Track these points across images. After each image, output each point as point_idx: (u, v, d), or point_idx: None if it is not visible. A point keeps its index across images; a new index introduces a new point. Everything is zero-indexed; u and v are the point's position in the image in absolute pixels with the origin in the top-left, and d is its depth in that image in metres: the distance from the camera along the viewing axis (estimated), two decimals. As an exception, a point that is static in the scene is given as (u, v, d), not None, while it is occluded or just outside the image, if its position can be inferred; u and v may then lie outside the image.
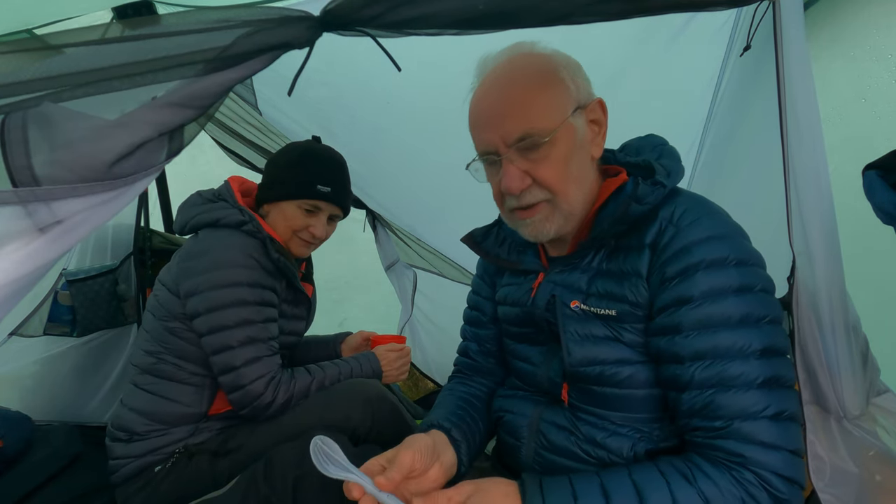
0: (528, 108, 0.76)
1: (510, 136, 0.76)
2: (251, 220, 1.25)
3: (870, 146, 0.90)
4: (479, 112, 0.82)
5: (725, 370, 0.66)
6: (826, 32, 1.42)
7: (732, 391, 0.65)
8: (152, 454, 1.19)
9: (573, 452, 0.79)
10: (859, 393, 0.90)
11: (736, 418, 0.65)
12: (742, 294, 0.68)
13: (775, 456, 0.63)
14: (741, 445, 0.64)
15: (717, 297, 0.68)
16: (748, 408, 0.65)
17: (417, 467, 0.70)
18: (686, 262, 0.70)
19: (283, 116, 1.91)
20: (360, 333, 1.67)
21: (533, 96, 0.77)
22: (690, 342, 0.68)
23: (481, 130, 0.81)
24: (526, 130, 0.75)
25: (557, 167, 0.77)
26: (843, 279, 0.88)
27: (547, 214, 0.80)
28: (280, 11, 0.67)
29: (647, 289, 0.75)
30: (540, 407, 0.87)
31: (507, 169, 0.77)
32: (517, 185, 0.77)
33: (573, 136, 0.78)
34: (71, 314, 1.82)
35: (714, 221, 0.74)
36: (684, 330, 0.69)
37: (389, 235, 2.33)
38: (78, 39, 0.61)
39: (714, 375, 0.67)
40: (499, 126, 0.77)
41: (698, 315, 0.68)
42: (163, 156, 0.65)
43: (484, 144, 0.80)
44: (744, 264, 0.70)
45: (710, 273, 0.69)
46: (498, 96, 0.79)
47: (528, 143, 0.76)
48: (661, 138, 0.90)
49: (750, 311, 0.68)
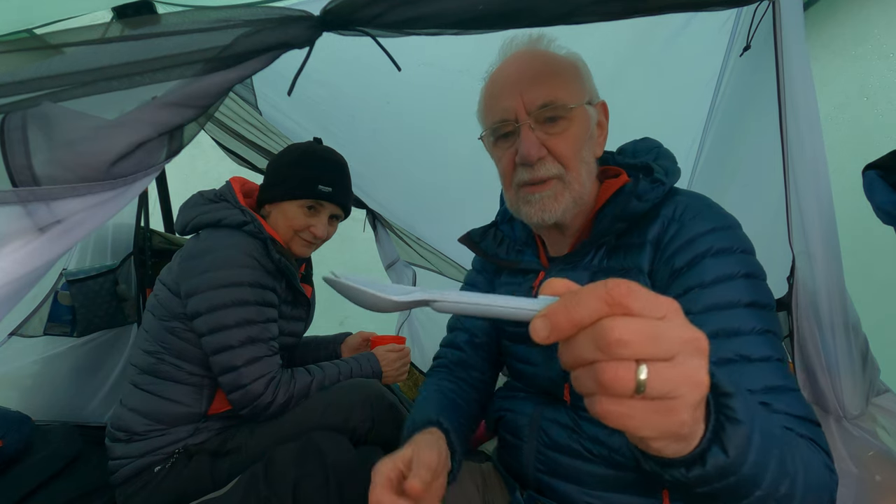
0: (554, 78, 0.78)
1: (534, 102, 0.77)
2: (253, 221, 1.25)
3: (871, 145, 0.90)
4: (503, 79, 0.82)
5: (744, 346, 0.65)
6: (826, 32, 1.42)
7: (755, 365, 0.64)
8: (152, 454, 1.19)
9: (576, 450, 0.79)
10: (859, 393, 0.90)
11: (766, 392, 0.62)
12: (749, 279, 0.69)
13: (810, 427, 0.61)
14: (784, 418, 0.60)
15: (726, 280, 0.69)
16: (771, 382, 0.63)
17: (440, 470, 0.68)
18: (694, 251, 0.71)
19: (283, 116, 1.91)
20: (359, 334, 1.67)
21: (559, 70, 0.80)
22: (704, 321, 0.67)
23: (502, 97, 0.80)
24: (551, 98, 0.76)
25: (573, 144, 0.78)
26: (843, 279, 0.88)
27: (557, 192, 0.79)
28: (280, 11, 0.68)
29: (648, 284, 0.75)
30: (541, 406, 0.86)
31: (527, 135, 0.77)
32: (535, 152, 0.77)
33: (588, 121, 0.81)
34: (71, 314, 1.81)
35: (715, 214, 0.75)
36: (696, 312, 0.69)
37: (389, 235, 2.33)
38: (78, 39, 0.61)
39: (732, 351, 0.65)
40: (524, 91, 0.77)
41: (710, 297, 0.68)
42: (163, 156, 0.65)
43: (502, 112, 0.80)
44: (747, 253, 0.72)
45: (719, 259, 0.70)
46: (525, 64, 0.80)
47: (549, 112, 0.77)
48: (657, 141, 0.91)
49: (758, 297, 0.68)
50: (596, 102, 0.84)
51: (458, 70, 1.42)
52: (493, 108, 0.82)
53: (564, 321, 0.32)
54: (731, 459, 0.41)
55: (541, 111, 0.77)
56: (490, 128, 0.83)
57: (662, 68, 1.44)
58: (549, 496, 0.81)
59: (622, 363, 0.30)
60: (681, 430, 0.35)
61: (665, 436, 0.35)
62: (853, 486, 0.83)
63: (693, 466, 0.41)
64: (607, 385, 0.30)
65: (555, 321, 0.32)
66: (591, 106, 0.82)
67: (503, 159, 0.83)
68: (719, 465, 0.40)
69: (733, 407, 0.40)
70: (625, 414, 0.31)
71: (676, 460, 0.41)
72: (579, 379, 0.32)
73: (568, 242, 0.88)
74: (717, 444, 0.40)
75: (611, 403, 0.31)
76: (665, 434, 0.34)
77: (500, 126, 0.81)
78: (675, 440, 0.37)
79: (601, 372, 0.30)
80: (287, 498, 1.01)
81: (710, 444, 0.40)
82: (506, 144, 0.82)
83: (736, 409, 0.40)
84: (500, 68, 0.84)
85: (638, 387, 0.30)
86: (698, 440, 0.39)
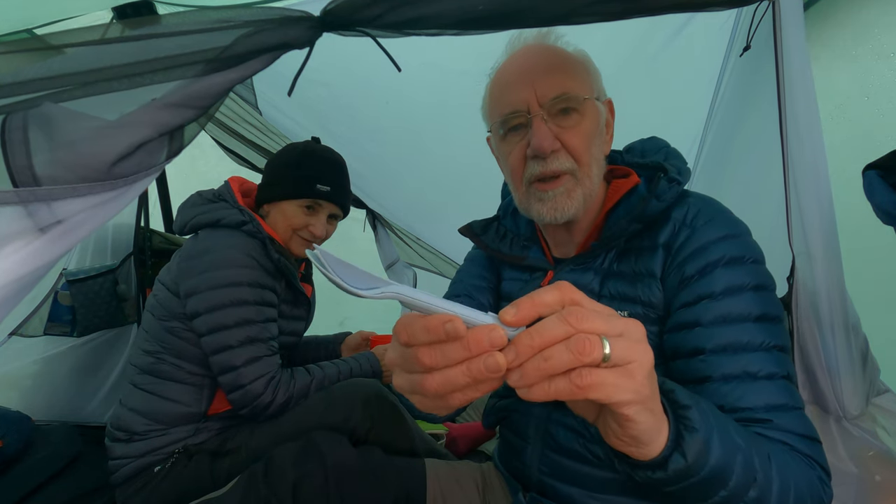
0: (566, 70, 0.78)
1: (547, 93, 0.75)
2: (251, 221, 1.25)
3: (872, 145, 0.90)
4: (513, 71, 0.80)
5: (750, 363, 0.65)
6: (826, 32, 1.42)
7: (759, 382, 0.64)
8: (152, 454, 1.19)
9: (580, 454, 0.78)
10: (859, 393, 0.90)
11: (767, 410, 0.63)
12: (759, 291, 0.69)
13: (809, 444, 0.62)
14: (784, 434, 0.62)
15: (736, 292, 0.68)
16: (774, 400, 0.63)
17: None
18: (705, 259, 0.70)
19: (283, 116, 1.91)
20: (359, 333, 1.67)
21: (570, 63, 0.79)
22: (711, 334, 0.67)
23: (513, 89, 0.78)
24: (564, 89, 0.75)
25: (585, 138, 0.77)
26: (843, 279, 0.88)
27: (569, 188, 0.77)
28: (280, 12, 0.68)
29: (661, 289, 0.74)
30: (548, 408, 0.85)
31: (539, 127, 0.75)
32: (549, 144, 0.75)
33: (598, 117, 0.80)
34: (71, 314, 1.81)
35: (727, 221, 0.74)
36: (705, 324, 0.68)
37: (389, 235, 2.33)
38: (78, 39, 0.61)
39: (738, 367, 0.65)
40: (536, 82, 0.76)
41: (720, 309, 0.68)
42: (163, 156, 0.65)
43: (514, 104, 0.77)
44: (758, 263, 0.71)
45: (730, 270, 0.69)
46: (536, 56, 0.79)
47: (563, 103, 0.76)
48: (664, 140, 0.90)
49: (767, 310, 0.68)
50: (604, 100, 0.83)
51: (458, 71, 1.42)
52: (503, 101, 0.80)
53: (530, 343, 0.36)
54: (690, 464, 0.47)
55: (554, 103, 0.75)
56: (499, 120, 0.80)
57: (662, 68, 1.44)
58: (552, 498, 0.81)
59: (590, 337, 0.36)
60: (642, 392, 0.39)
61: (636, 400, 0.40)
62: (853, 486, 0.83)
63: (657, 470, 0.47)
64: (585, 354, 0.35)
65: (522, 349, 0.36)
66: (600, 102, 0.81)
67: (513, 153, 0.80)
68: (679, 469, 0.47)
69: (690, 417, 0.48)
70: (600, 382, 0.36)
71: (643, 463, 0.47)
72: (552, 358, 0.36)
73: (574, 242, 0.86)
74: (678, 451, 0.47)
75: (589, 375, 0.36)
76: (636, 398, 0.39)
77: (510, 118, 0.79)
78: (646, 413, 0.42)
79: (577, 343, 0.35)
80: (287, 498, 1.00)
81: (671, 452, 0.47)
82: (516, 138, 0.79)
83: (692, 419, 0.48)
84: (509, 62, 0.82)
85: (605, 357, 0.36)
86: (662, 446, 0.46)
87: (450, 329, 0.35)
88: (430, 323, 0.36)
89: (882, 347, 0.95)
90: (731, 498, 0.51)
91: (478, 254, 1.05)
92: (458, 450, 1.41)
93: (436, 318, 0.36)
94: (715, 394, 0.65)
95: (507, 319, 0.37)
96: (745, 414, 0.63)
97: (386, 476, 0.97)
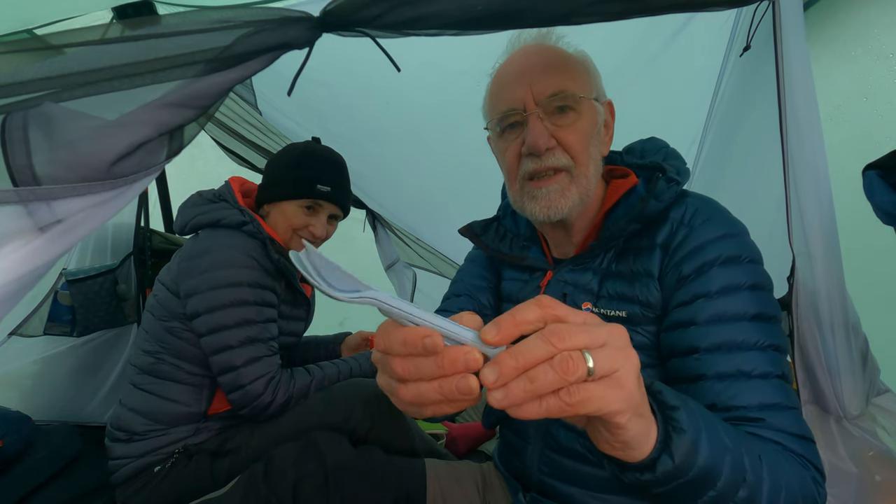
0: (564, 70, 0.78)
1: (544, 91, 0.76)
2: (252, 221, 1.25)
3: (871, 145, 0.90)
4: (511, 70, 0.81)
5: (745, 362, 0.65)
6: (826, 32, 1.42)
7: (753, 381, 0.64)
8: (152, 454, 1.19)
9: (580, 454, 0.78)
10: (859, 393, 0.90)
11: (761, 409, 0.63)
12: (755, 291, 0.69)
13: (802, 444, 0.62)
14: (776, 434, 0.62)
15: (732, 291, 0.68)
16: (768, 399, 0.64)
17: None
18: (702, 259, 0.71)
19: (283, 116, 1.91)
20: (359, 333, 1.67)
21: (568, 63, 0.79)
22: (706, 333, 0.68)
23: (511, 86, 0.79)
24: (561, 87, 0.76)
25: (582, 136, 0.77)
26: (843, 279, 0.89)
27: (564, 186, 0.77)
28: (280, 12, 0.68)
29: (658, 289, 0.74)
30: None
31: (535, 124, 0.76)
32: (544, 141, 0.75)
33: (596, 116, 0.80)
34: (71, 314, 1.81)
35: (725, 220, 0.74)
36: (700, 322, 0.68)
37: (389, 235, 2.33)
38: (78, 39, 0.62)
39: (732, 366, 0.65)
40: (534, 80, 0.76)
41: (715, 308, 0.68)
42: (163, 156, 0.65)
43: (510, 102, 0.78)
44: (755, 262, 0.71)
45: (726, 269, 0.69)
46: (535, 55, 0.80)
47: (559, 101, 0.76)
48: (664, 141, 0.90)
49: (763, 309, 0.68)
50: (603, 101, 0.83)
51: (458, 71, 1.42)
52: (500, 99, 0.80)
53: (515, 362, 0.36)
54: (678, 465, 0.46)
55: (550, 100, 0.76)
56: (496, 118, 0.81)
57: (662, 68, 1.44)
58: (552, 498, 0.81)
59: (573, 354, 0.35)
60: (632, 399, 0.39)
61: (627, 409, 0.39)
62: (853, 486, 0.83)
63: (645, 471, 0.47)
64: (569, 373, 0.35)
65: (505, 370, 0.35)
66: (599, 103, 0.81)
67: (509, 151, 0.80)
68: (667, 470, 0.46)
69: (678, 419, 0.47)
70: (588, 396, 0.36)
71: (632, 465, 0.47)
72: (537, 379, 0.35)
73: (573, 242, 0.86)
74: (665, 453, 0.46)
75: (577, 391, 0.36)
76: (626, 407, 0.39)
77: (507, 115, 0.79)
78: (636, 419, 0.42)
79: (561, 363, 0.35)
80: (287, 498, 1.00)
81: (659, 454, 0.46)
82: (512, 135, 0.80)
83: (680, 420, 0.47)
84: (508, 61, 0.83)
85: (589, 371, 0.35)
86: (651, 448, 0.46)
87: (428, 344, 0.35)
88: (409, 335, 0.36)
89: (882, 347, 0.95)
90: (721, 498, 0.51)
91: (478, 254, 1.05)
92: (458, 450, 1.41)
93: (416, 331, 0.36)
94: (709, 392, 0.65)
95: (489, 339, 0.36)
96: (739, 413, 0.63)
97: (386, 476, 0.97)
